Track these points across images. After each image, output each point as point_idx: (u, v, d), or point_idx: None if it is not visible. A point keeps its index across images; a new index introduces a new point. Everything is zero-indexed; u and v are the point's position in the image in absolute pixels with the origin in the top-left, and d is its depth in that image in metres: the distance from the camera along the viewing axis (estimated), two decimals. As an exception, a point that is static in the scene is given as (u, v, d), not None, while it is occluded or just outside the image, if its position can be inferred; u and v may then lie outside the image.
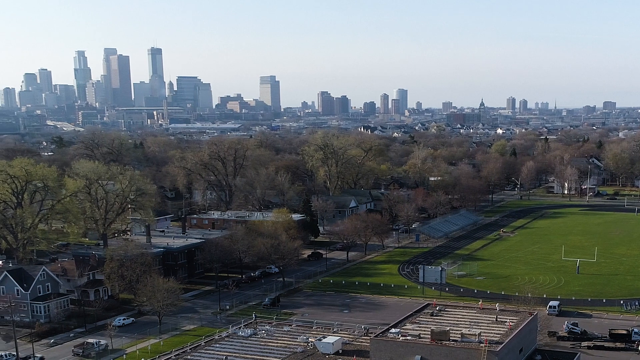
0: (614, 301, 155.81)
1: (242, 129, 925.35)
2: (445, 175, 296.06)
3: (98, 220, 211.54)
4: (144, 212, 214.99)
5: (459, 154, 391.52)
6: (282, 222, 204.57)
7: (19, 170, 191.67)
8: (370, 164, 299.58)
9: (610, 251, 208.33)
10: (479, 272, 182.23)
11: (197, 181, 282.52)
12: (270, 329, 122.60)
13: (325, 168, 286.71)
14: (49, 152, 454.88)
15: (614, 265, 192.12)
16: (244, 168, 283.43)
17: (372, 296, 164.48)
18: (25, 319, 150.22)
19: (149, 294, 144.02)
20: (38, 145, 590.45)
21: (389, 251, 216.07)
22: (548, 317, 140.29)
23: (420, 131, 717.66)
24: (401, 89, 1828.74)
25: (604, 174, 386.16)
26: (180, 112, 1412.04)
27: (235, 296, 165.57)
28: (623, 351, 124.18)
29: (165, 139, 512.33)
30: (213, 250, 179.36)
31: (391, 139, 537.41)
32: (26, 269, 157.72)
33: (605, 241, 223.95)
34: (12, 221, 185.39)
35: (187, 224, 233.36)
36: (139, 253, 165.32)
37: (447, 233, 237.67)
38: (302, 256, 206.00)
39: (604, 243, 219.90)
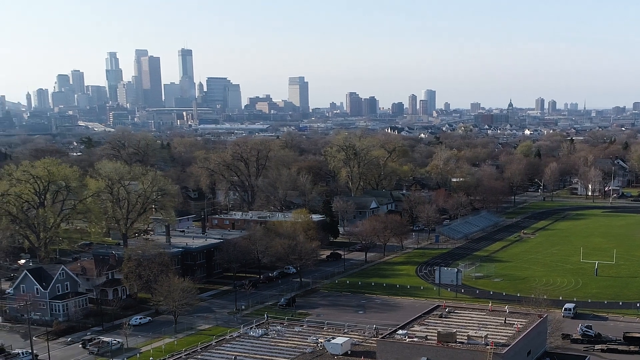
0: (631, 304, 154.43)
1: (270, 129, 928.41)
2: (467, 177, 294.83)
3: (120, 220, 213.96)
4: (165, 212, 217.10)
5: (482, 155, 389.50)
6: (301, 223, 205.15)
7: (42, 171, 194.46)
8: (392, 165, 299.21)
9: (630, 253, 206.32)
10: (497, 274, 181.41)
11: (220, 182, 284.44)
12: (281, 330, 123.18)
13: (347, 169, 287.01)
14: (77, 153, 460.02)
15: (634, 267, 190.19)
16: (267, 169, 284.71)
17: (387, 297, 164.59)
18: (44, 317, 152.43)
19: (165, 294, 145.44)
20: (68, 145, 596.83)
21: (407, 252, 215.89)
22: (563, 319, 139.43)
23: (447, 132, 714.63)
24: (429, 90, 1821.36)
25: (628, 176, 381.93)
26: (210, 113, 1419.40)
27: (252, 296, 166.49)
28: (637, 354, 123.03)
29: (191, 139, 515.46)
30: (231, 251, 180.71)
31: (416, 139, 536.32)
32: (46, 268, 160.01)
33: (626, 243, 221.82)
34: (34, 221, 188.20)
35: (208, 224, 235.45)
36: (156, 253, 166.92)
37: (466, 234, 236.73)
38: (321, 257, 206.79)
39: (625, 245, 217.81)
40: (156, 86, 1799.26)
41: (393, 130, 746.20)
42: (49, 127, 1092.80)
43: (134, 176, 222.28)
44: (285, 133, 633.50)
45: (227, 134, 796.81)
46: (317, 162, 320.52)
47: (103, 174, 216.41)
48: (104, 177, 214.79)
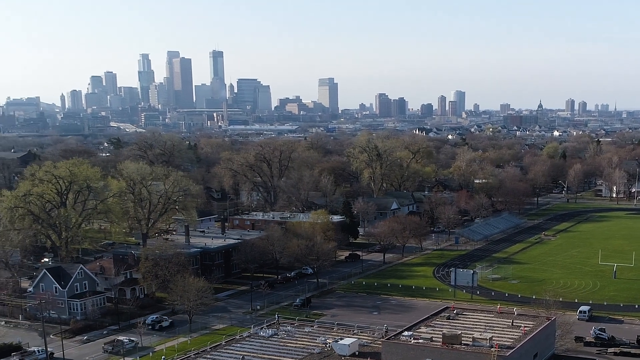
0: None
1: (298, 130, 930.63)
2: (490, 178, 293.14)
3: (141, 220, 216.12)
4: (187, 212, 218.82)
5: (507, 156, 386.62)
6: (320, 224, 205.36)
7: (64, 171, 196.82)
8: (415, 166, 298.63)
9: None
10: (514, 276, 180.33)
11: (243, 182, 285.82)
12: (291, 330, 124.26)
13: (369, 170, 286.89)
14: (106, 153, 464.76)
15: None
16: (289, 169, 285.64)
17: (403, 298, 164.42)
18: (62, 315, 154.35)
19: (180, 293, 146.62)
20: (98, 146, 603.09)
21: (426, 253, 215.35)
22: (578, 322, 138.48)
23: (475, 133, 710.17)
24: (459, 91, 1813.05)
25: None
26: (240, 114, 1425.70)
27: (268, 296, 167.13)
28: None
29: (218, 140, 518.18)
30: (248, 251, 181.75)
31: (442, 140, 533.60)
32: (64, 267, 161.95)
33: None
34: (56, 220, 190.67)
35: (229, 225, 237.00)
36: (173, 253, 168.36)
37: (487, 236, 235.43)
38: (340, 257, 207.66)
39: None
40: (187, 87, 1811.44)
41: (421, 131, 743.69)
42: (81, 127, 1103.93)
43: (156, 177, 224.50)
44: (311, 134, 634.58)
45: (256, 134, 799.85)
46: (341, 163, 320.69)
47: (125, 175, 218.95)
48: (125, 178, 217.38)
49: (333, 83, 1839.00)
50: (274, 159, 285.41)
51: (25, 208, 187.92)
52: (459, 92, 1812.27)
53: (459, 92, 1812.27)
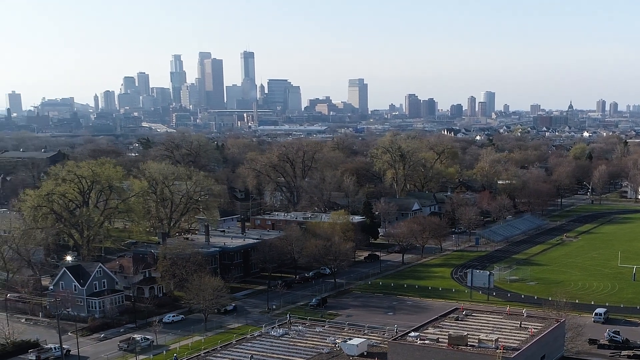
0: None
1: (327, 131, 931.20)
2: (513, 179, 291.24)
3: (163, 220, 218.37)
4: (208, 212, 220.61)
5: (532, 157, 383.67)
6: (339, 224, 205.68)
7: (86, 171, 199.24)
8: (438, 167, 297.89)
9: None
10: (532, 277, 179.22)
11: (266, 182, 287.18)
12: (302, 330, 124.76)
13: (392, 170, 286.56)
14: (135, 153, 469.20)
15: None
16: (313, 170, 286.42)
17: (419, 299, 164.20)
18: (81, 313, 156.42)
19: (196, 292, 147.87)
20: (128, 146, 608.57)
21: (446, 254, 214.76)
22: (593, 324, 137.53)
23: (504, 134, 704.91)
24: (489, 92, 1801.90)
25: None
26: (270, 115, 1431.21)
27: (285, 296, 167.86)
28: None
29: (245, 140, 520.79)
30: (267, 251, 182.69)
31: (469, 141, 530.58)
32: (84, 266, 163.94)
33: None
34: (78, 219, 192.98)
35: (251, 225, 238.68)
36: (191, 252, 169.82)
37: (507, 237, 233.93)
38: (359, 258, 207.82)
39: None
40: (218, 88, 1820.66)
41: (449, 131, 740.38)
42: (113, 128, 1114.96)
43: (179, 177, 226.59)
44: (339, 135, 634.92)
45: (285, 135, 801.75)
46: (365, 163, 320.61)
47: (147, 175, 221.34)
48: (148, 178, 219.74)
49: (363, 84, 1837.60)
50: (297, 159, 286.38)
51: (48, 207, 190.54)
52: (488, 93, 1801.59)
53: (488, 93, 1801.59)
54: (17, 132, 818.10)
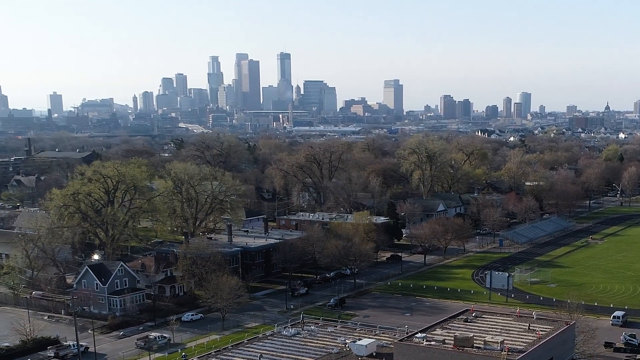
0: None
1: (362, 132, 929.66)
2: (541, 180, 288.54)
3: (189, 220, 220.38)
4: (233, 212, 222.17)
5: (562, 158, 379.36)
6: (362, 225, 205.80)
7: (111, 171, 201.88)
8: (466, 168, 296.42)
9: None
10: (553, 279, 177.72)
11: (293, 183, 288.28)
12: (314, 329, 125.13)
13: (419, 172, 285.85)
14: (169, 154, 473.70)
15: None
16: (340, 171, 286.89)
17: (437, 300, 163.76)
18: (102, 311, 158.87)
19: (214, 292, 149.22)
20: (163, 146, 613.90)
21: (468, 256, 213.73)
22: (611, 327, 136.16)
23: (538, 135, 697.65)
24: (524, 93, 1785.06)
25: None
26: (305, 115, 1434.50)
27: (304, 296, 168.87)
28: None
29: (276, 141, 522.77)
30: (287, 251, 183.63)
31: (501, 142, 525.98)
32: (106, 265, 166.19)
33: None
34: (103, 218, 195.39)
35: (276, 225, 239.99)
36: (211, 252, 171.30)
37: (532, 239, 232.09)
38: (382, 259, 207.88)
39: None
40: (255, 89, 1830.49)
41: (483, 133, 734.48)
42: (150, 128, 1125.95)
43: (204, 177, 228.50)
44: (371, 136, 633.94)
45: (319, 135, 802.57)
46: (393, 164, 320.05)
47: (172, 175, 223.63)
48: (173, 178, 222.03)
49: (398, 85, 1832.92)
50: (324, 159, 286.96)
51: (74, 206, 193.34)
52: (524, 94, 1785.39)
53: (524, 94, 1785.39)
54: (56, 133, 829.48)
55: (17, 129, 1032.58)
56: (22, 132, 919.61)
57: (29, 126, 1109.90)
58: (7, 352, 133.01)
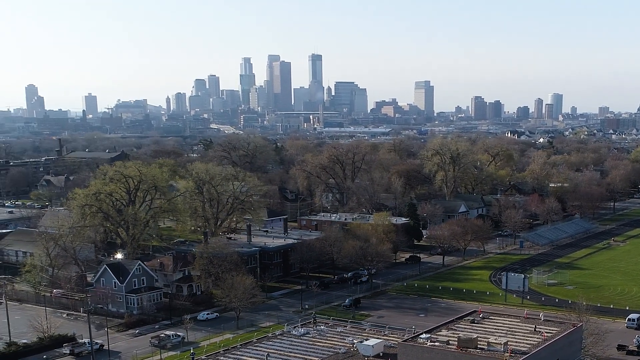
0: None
1: (392, 133, 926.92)
2: (565, 181, 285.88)
3: (210, 219, 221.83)
4: (255, 213, 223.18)
5: (588, 159, 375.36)
6: (381, 226, 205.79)
7: (133, 171, 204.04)
8: (489, 170, 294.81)
9: None
10: (571, 281, 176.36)
11: (316, 183, 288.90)
12: (324, 329, 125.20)
13: (442, 173, 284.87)
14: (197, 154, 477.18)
15: None
16: (363, 172, 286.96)
17: (453, 301, 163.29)
18: (120, 309, 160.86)
19: (228, 291, 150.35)
20: (192, 147, 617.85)
21: (488, 257, 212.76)
22: (626, 330, 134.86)
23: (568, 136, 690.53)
24: (556, 94, 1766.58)
25: None
26: (335, 116, 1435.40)
27: (321, 296, 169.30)
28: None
29: (303, 142, 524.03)
30: (305, 251, 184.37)
31: (528, 144, 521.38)
32: (124, 263, 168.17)
33: None
34: (123, 218, 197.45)
35: (298, 225, 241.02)
36: (228, 252, 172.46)
37: (552, 240, 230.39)
38: (400, 259, 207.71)
39: None
40: (286, 90, 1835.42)
41: (513, 134, 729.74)
42: (182, 129, 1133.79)
43: (226, 177, 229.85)
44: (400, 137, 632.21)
45: (348, 137, 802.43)
46: (417, 165, 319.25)
47: (194, 175, 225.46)
48: (194, 178, 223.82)
49: (429, 86, 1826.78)
50: (347, 160, 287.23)
51: (95, 206, 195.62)
52: (556, 95, 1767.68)
53: (556, 95, 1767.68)
54: (89, 133, 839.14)
55: (52, 130, 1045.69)
56: (56, 132, 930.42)
57: (64, 127, 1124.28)
58: (25, 349, 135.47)
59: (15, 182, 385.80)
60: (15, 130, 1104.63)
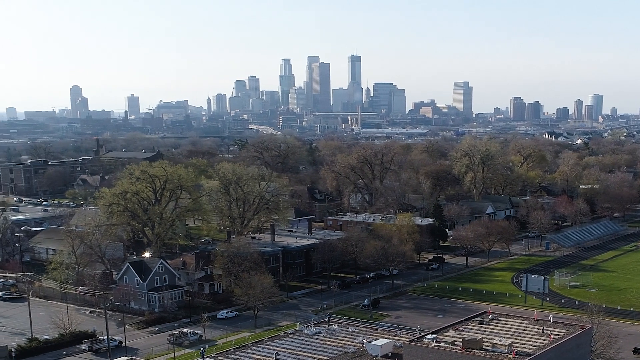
0: None
1: (429, 134, 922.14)
2: (595, 183, 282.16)
3: (236, 219, 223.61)
4: (280, 212, 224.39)
5: (622, 161, 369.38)
6: (405, 226, 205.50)
7: (159, 171, 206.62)
8: (519, 171, 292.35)
9: None
10: (594, 284, 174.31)
11: (345, 184, 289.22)
12: (336, 329, 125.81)
13: (471, 173, 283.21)
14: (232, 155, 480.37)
15: None
16: (392, 172, 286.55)
17: (472, 302, 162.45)
18: (142, 307, 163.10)
19: (246, 290, 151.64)
20: (229, 147, 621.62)
21: (513, 258, 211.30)
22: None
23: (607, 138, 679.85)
24: (596, 95, 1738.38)
25: None
26: (374, 117, 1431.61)
27: (341, 296, 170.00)
28: None
29: (335, 143, 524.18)
30: (327, 251, 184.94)
31: (564, 145, 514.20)
32: (146, 262, 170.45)
33: None
34: (149, 216, 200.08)
35: (324, 225, 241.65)
36: (249, 251, 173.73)
37: (579, 242, 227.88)
38: (424, 260, 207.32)
39: None
40: (325, 91, 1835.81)
41: (551, 135, 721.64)
42: (221, 129, 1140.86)
43: (252, 177, 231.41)
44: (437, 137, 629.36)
45: (385, 137, 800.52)
46: (447, 166, 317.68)
47: (220, 175, 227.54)
48: (220, 178, 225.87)
49: (468, 87, 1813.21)
50: (376, 161, 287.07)
51: (122, 205, 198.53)
52: (596, 96, 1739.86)
53: (596, 96, 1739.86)
54: (130, 134, 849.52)
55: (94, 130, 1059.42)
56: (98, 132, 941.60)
57: (106, 127, 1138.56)
58: (46, 345, 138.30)
59: (52, 181, 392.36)
60: (59, 131, 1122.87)
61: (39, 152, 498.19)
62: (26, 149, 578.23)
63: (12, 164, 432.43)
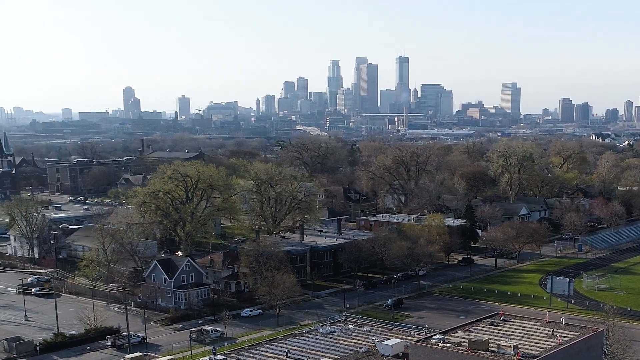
0: None
1: (475, 135, 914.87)
2: (634, 185, 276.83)
3: (268, 218, 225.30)
4: (312, 212, 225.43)
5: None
6: (435, 227, 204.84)
7: (191, 170, 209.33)
8: (556, 172, 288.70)
9: None
10: (622, 287, 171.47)
11: (380, 185, 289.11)
12: (351, 328, 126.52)
13: (507, 175, 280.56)
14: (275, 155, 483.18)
15: None
16: (427, 173, 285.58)
17: (496, 304, 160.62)
18: (169, 304, 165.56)
19: (268, 288, 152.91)
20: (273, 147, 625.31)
21: (543, 260, 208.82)
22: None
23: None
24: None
25: None
26: (420, 118, 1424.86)
27: (366, 296, 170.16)
28: None
29: (376, 144, 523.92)
30: (354, 251, 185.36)
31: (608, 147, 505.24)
32: (174, 260, 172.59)
33: None
34: (181, 215, 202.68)
35: (356, 225, 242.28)
36: (274, 250, 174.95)
37: (612, 244, 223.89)
38: (453, 261, 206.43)
39: None
40: (373, 92, 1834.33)
41: (598, 137, 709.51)
42: (269, 130, 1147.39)
43: (285, 177, 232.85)
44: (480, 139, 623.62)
45: (430, 138, 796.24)
46: (483, 167, 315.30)
47: (253, 174, 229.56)
48: (253, 177, 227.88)
49: (516, 88, 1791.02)
50: (412, 162, 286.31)
51: (154, 203, 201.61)
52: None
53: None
54: (178, 134, 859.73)
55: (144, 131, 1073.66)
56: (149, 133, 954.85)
57: (156, 128, 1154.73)
58: (71, 340, 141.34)
59: (96, 180, 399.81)
60: (111, 131, 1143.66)
61: (86, 152, 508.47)
62: (76, 149, 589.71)
63: (59, 163, 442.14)
